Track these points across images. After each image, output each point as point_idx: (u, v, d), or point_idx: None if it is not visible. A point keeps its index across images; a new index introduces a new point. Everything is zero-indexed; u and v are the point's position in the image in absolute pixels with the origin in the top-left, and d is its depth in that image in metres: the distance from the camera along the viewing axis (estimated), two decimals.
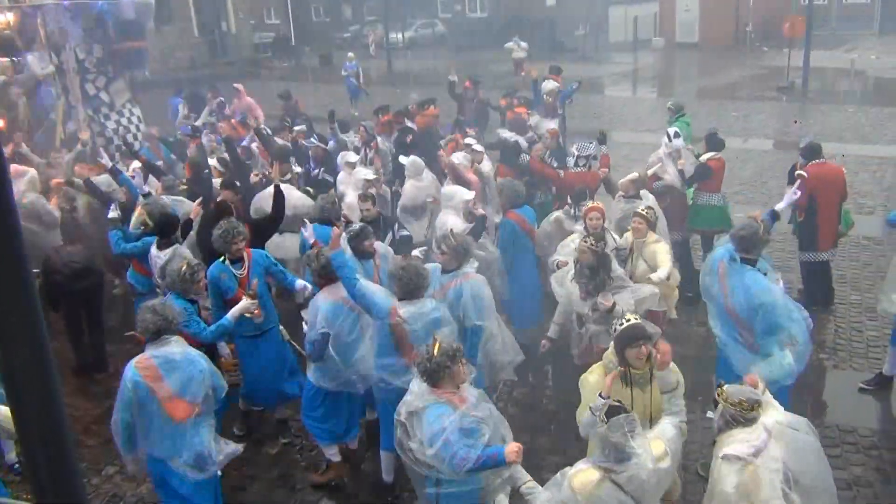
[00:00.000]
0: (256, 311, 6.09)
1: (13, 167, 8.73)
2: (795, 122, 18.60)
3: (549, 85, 12.62)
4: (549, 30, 36.29)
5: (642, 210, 7.05)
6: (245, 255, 6.49)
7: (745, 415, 4.15)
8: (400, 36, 37.60)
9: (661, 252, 6.87)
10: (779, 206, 6.75)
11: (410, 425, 4.42)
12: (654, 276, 6.56)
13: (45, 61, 11.53)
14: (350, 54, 22.80)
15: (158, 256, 6.97)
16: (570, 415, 6.79)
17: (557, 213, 8.24)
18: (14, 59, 10.69)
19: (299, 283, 6.69)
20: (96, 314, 8.10)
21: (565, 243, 7.26)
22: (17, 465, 6.60)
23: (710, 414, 5.25)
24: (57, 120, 11.94)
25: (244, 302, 6.00)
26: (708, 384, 6.35)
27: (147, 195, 8.14)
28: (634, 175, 8.21)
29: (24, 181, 8.60)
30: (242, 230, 6.49)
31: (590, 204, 7.27)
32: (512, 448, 4.27)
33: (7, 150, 9.74)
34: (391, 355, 5.53)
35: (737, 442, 4.11)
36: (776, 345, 5.43)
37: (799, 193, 6.83)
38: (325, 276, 5.82)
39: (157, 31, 14.51)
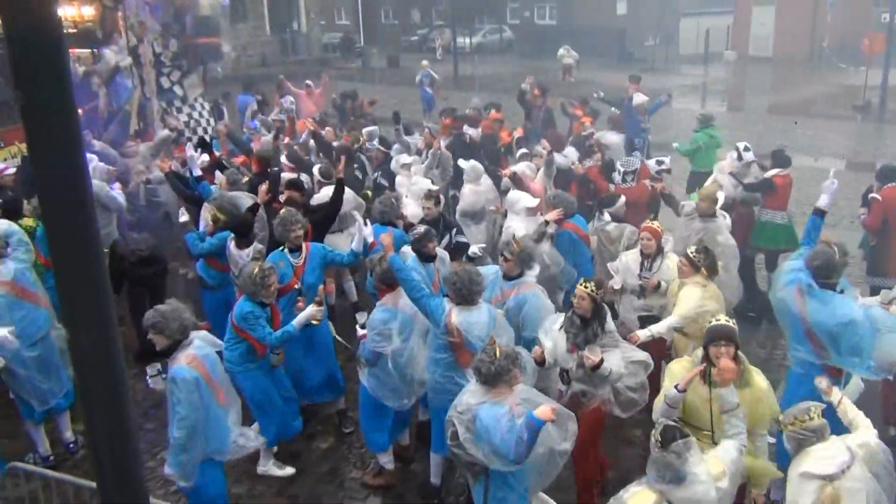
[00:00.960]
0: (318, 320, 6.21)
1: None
2: (796, 122, 18.18)
3: (639, 98, 12.50)
4: (618, 39, 35.94)
5: (691, 252, 6.32)
6: (304, 246, 6.74)
7: (806, 427, 4.05)
8: (467, 41, 37.68)
9: (683, 299, 6.15)
10: (821, 203, 6.17)
11: (462, 423, 4.45)
12: (643, 333, 6.00)
13: (122, 53, 11.90)
14: (424, 62, 21.34)
15: (240, 256, 7.07)
16: (620, 427, 6.76)
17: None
18: (94, 50, 11.04)
19: (357, 238, 6.75)
20: (160, 301, 8.29)
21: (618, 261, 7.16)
22: (72, 445, 6.80)
23: (770, 439, 5.13)
24: (131, 111, 12.30)
25: (310, 309, 6.07)
26: None
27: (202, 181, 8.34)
28: (721, 196, 7.99)
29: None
30: (300, 218, 6.73)
31: (646, 223, 7.09)
32: (544, 409, 4.23)
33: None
34: (448, 361, 5.53)
35: (816, 459, 3.99)
36: (858, 367, 5.30)
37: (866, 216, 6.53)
38: (387, 280, 5.87)
39: (232, 29, 14.83)
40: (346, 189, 8.33)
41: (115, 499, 2.26)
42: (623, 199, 8.12)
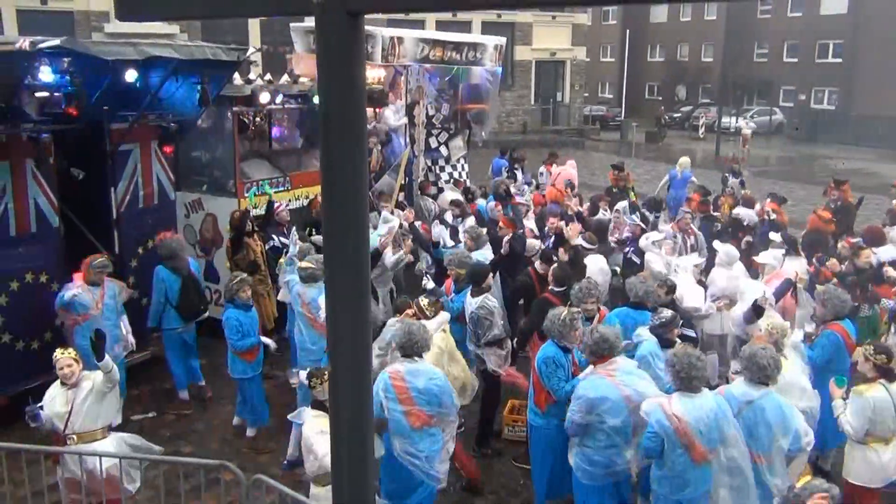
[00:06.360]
0: None
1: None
2: None
3: None
4: None
5: None
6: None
7: None
8: (733, 121, 36.37)
9: None
10: None
11: None
12: None
13: (400, 114, 12.92)
14: (684, 159, 16.06)
15: (470, 304, 7.36)
16: None
17: None
18: (376, 109, 12.07)
19: None
20: None
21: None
22: (284, 464, 7.22)
23: None
24: (399, 168, 13.27)
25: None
26: None
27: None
28: None
29: (386, 227, 9.67)
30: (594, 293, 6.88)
31: None
32: None
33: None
34: (680, 461, 5.20)
35: None
36: None
37: None
38: (596, 352, 5.67)
39: (498, 96, 15.57)
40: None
41: None
42: None
